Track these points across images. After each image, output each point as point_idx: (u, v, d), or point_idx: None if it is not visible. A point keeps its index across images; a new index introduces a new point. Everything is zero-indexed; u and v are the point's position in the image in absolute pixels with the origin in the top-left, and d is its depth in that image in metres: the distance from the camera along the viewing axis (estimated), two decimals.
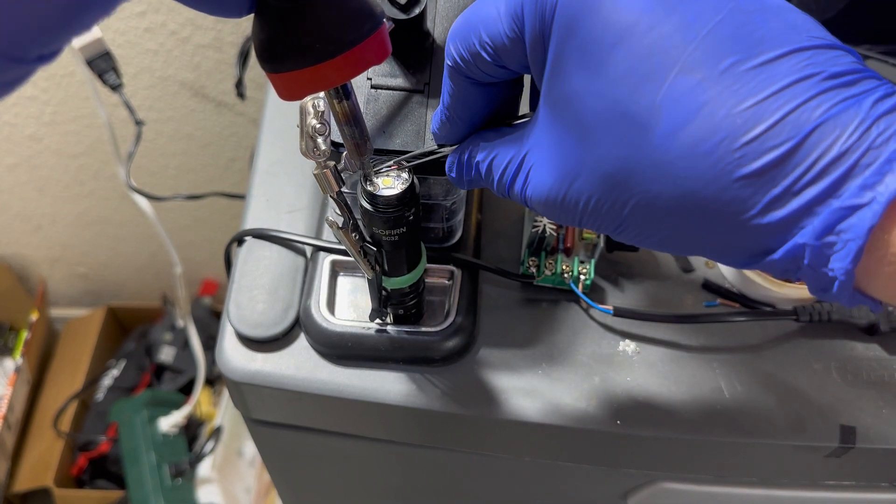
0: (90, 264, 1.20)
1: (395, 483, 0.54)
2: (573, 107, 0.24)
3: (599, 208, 0.25)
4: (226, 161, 0.97)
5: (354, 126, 0.29)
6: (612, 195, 0.24)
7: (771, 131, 0.21)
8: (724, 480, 0.45)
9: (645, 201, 0.24)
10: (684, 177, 0.22)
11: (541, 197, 0.27)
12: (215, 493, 1.04)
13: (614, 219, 0.25)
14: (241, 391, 0.43)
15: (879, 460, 0.41)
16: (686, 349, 0.42)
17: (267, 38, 0.25)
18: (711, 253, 0.25)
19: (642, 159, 0.23)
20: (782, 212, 0.21)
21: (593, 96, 0.23)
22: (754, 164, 0.21)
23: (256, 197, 0.47)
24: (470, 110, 0.30)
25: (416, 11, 0.34)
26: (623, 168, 0.23)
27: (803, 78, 0.21)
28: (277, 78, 0.26)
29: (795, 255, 0.22)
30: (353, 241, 0.34)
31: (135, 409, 1.08)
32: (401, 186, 0.32)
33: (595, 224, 0.26)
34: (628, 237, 0.26)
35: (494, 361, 0.41)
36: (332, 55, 0.25)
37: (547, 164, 0.26)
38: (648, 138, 0.23)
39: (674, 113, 0.22)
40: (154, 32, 0.79)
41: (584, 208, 0.25)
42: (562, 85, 0.24)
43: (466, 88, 0.29)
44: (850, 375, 0.41)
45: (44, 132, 0.92)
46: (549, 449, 0.43)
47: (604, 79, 0.23)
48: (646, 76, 0.22)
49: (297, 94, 0.27)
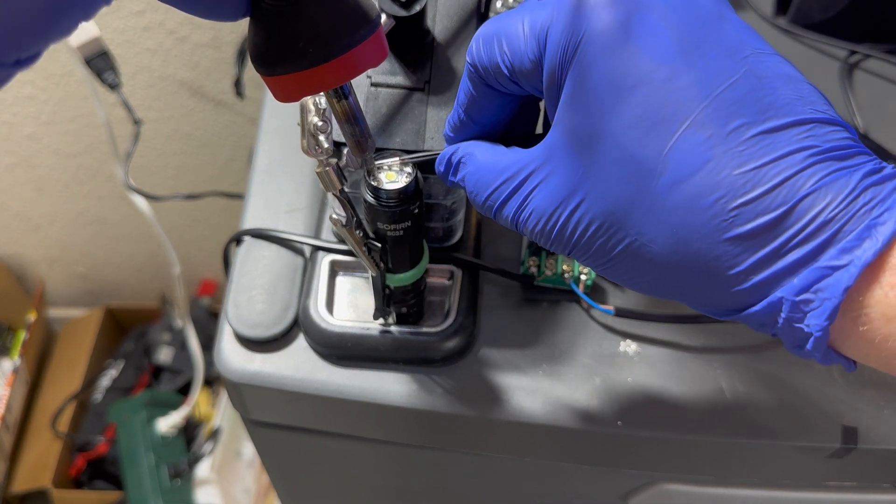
0: (88, 264, 1.20)
1: (394, 484, 0.54)
2: (585, 140, 0.25)
3: (594, 240, 0.26)
4: (224, 160, 0.97)
5: (355, 124, 0.29)
6: (609, 231, 0.25)
7: (766, 196, 0.22)
8: (725, 481, 0.45)
9: (638, 244, 0.25)
10: (680, 226, 0.23)
11: (540, 217, 0.27)
12: (214, 494, 1.04)
13: (605, 254, 0.26)
14: (240, 392, 0.42)
15: (881, 461, 0.40)
16: (687, 349, 0.42)
17: (261, 41, 0.25)
18: (692, 302, 0.26)
19: (642, 203, 0.24)
20: (767, 272, 0.23)
21: (606, 135, 0.24)
22: (747, 225, 0.22)
23: (255, 196, 0.47)
24: (483, 114, 0.30)
25: (417, 9, 0.34)
26: (624, 207, 0.24)
27: (802, 148, 0.22)
28: (272, 81, 0.26)
29: (773, 311, 0.23)
30: (356, 239, 0.33)
31: (133, 409, 1.07)
32: (405, 180, 0.31)
33: (584, 255, 0.27)
34: (613, 275, 0.27)
35: (495, 362, 0.41)
36: (328, 59, 0.25)
37: (551, 190, 0.26)
38: (652, 184, 0.24)
39: (679, 164, 0.23)
40: (152, 31, 0.78)
41: (579, 237, 0.26)
42: (576, 117, 0.25)
43: (483, 92, 0.29)
44: (851, 376, 0.41)
45: (42, 132, 0.92)
46: (550, 449, 0.43)
47: (617, 120, 0.24)
48: (658, 124, 0.23)
49: (293, 97, 0.27)
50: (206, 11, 0.23)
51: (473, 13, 0.37)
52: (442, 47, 0.36)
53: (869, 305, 0.22)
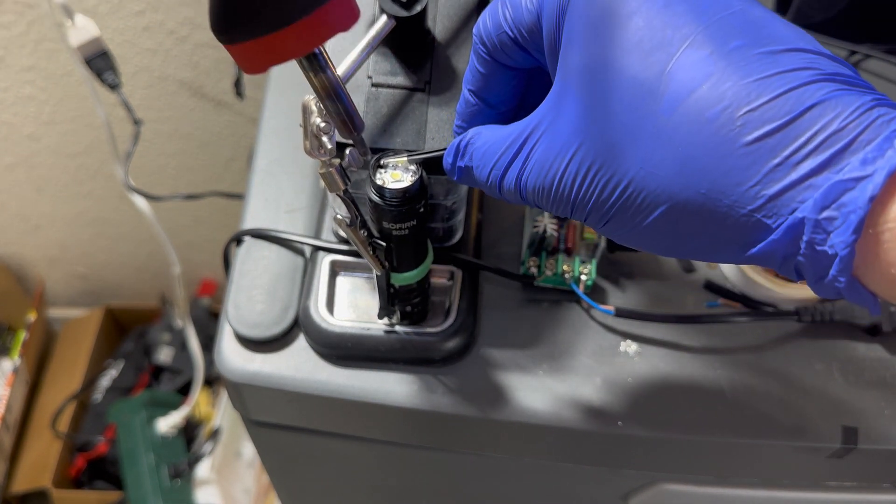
0: (88, 264, 1.20)
1: (394, 484, 0.54)
2: (585, 76, 0.25)
3: (594, 185, 0.25)
4: (224, 160, 0.97)
5: (337, 100, 0.28)
6: (614, 165, 0.24)
7: (773, 102, 0.22)
8: (725, 481, 0.45)
9: (644, 174, 0.24)
10: (686, 144, 0.23)
11: (539, 175, 0.27)
12: (214, 494, 1.04)
13: (607, 200, 0.25)
14: (240, 392, 0.42)
15: (881, 461, 0.40)
16: (688, 350, 0.42)
17: (218, 5, 0.24)
18: (704, 244, 0.24)
19: (647, 126, 0.23)
20: (780, 184, 0.22)
21: (606, 64, 0.24)
22: (754, 132, 0.22)
23: (255, 196, 0.47)
24: (492, 93, 0.30)
25: (418, 9, 0.34)
26: (627, 136, 0.24)
27: (807, 67, 0.22)
28: (234, 50, 0.25)
29: (794, 235, 0.22)
30: (361, 239, 0.33)
31: (133, 409, 1.07)
32: (410, 179, 0.31)
33: (585, 208, 0.26)
34: (617, 227, 0.26)
35: (495, 362, 0.41)
36: (287, 22, 0.24)
37: (553, 138, 0.26)
38: (655, 105, 0.23)
39: (681, 81, 0.23)
40: (152, 31, 0.78)
41: (579, 185, 0.25)
42: (576, 54, 0.25)
43: (491, 70, 0.29)
44: (852, 376, 0.41)
45: (42, 132, 0.92)
46: (550, 449, 0.43)
47: (617, 46, 0.24)
48: (657, 46, 0.23)
49: (259, 66, 0.25)
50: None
51: (473, 13, 0.37)
52: (442, 47, 0.36)
53: (892, 218, 0.21)
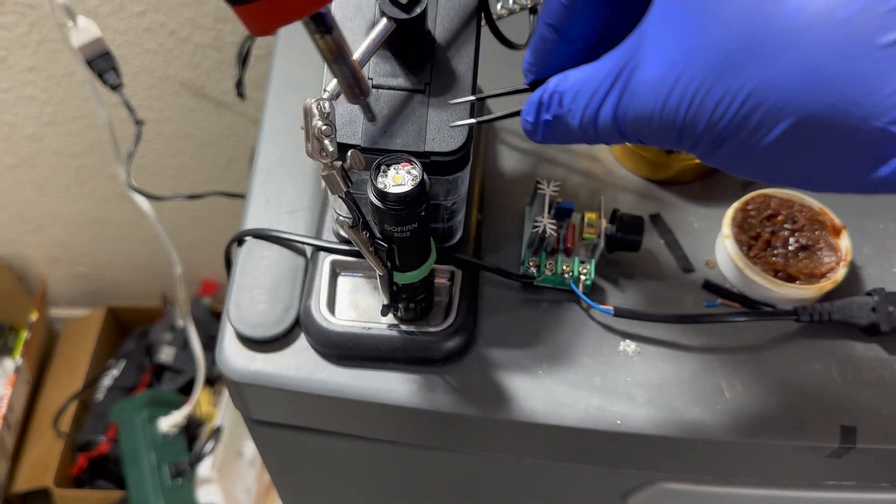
0: (90, 264, 1.20)
1: (394, 483, 0.54)
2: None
3: (709, 101, 0.22)
4: (226, 161, 0.97)
5: (343, 64, 0.28)
6: (728, 79, 0.22)
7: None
8: (724, 480, 0.45)
9: (765, 83, 0.21)
10: (815, 49, 0.20)
11: (640, 101, 0.24)
12: (215, 494, 1.04)
13: (721, 116, 0.22)
14: (241, 391, 0.43)
15: (880, 460, 0.41)
16: (686, 349, 0.42)
17: None
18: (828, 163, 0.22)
19: (768, 31, 0.21)
20: None
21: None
22: (892, 33, 0.19)
23: (256, 197, 0.47)
24: (576, 27, 0.28)
25: (418, 11, 0.34)
26: (745, 45, 0.21)
27: None
28: (243, 10, 0.25)
29: None
30: (363, 240, 0.34)
31: (135, 409, 1.08)
32: (411, 183, 0.32)
33: (696, 129, 0.23)
34: (731, 149, 0.23)
35: (495, 362, 0.41)
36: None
37: (656, 58, 0.24)
38: (777, 8, 0.21)
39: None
40: (154, 32, 0.79)
41: (689, 104, 0.23)
42: None
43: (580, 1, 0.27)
44: (850, 375, 0.41)
45: (43, 132, 0.92)
46: (550, 449, 0.43)
47: None
48: None
49: (268, 28, 0.25)
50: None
51: (473, 15, 0.37)
52: (442, 49, 0.37)
53: None
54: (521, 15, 0.46)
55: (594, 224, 0.43)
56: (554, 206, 0.42)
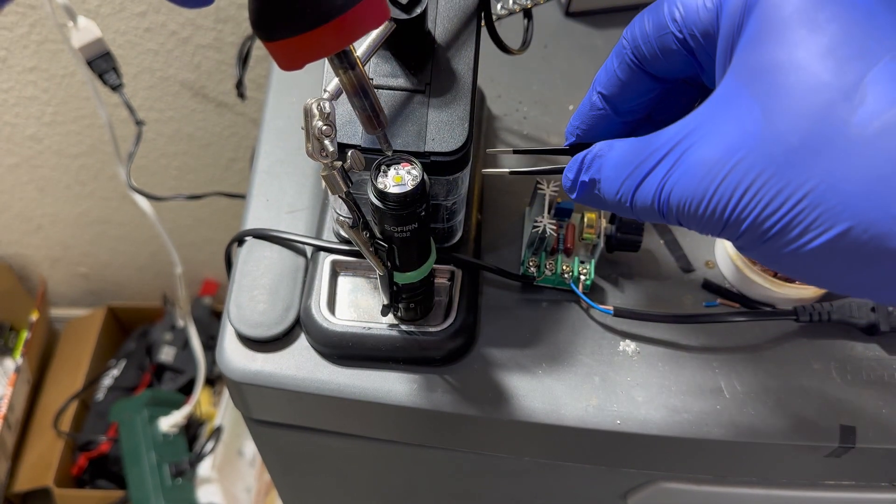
0: (91, 264, 1.20)
1: (395, 483, 0.54)
2: (767, 77, 0.22)
3: (763, 194, 0.22)
4: (226, 161, 0.97)
5: (364, 98, 0.29)
6: (789, 174, 0.21)
7: None
8: (723, 480, 0.45)
9: (826, 185, 0.21)
10: (884, 160, 0.20)
11: (689, 184, 0.23)
12: (215, 493, 1.04)
13: (773, 212, 0.22)
14: (242, 391, 0.43)
15: (879, 460, 0.41)
16: (686, 349, 0.42)
17: (260, 5, 0.25)
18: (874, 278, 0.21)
19: (836, 135, 0.21)
20: None
21: (794, 65, 0.22)
22: None
23: (257, 197, 0.47)
24: (626, 102, 0.28)
25: (418, 11, 0.34)
26: (812, 143, 0.21)
27: None
28: (275, 47, 0.26)
29: None
30: (364, 240, 0.34)
31: (135, 408, 1.08)
32: (412, 183, 0.32)
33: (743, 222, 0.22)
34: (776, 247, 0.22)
35: (495, 361, 0.41)
36: (327, 19, 0.25)
37: (712, 142, 0.23)
38: (847, 114, 0.21)
39: (881, 92, 0.21)
40: (154, 33, 0.79)
41: (742, 195, 0.22)
42: (758, 55, 0.23)
43: (631, 73, 0.27)
44: (849, 375, 0.41)
45: (44, 132, 0.92)
46: (550, 449, 0.43)
47: (810, 49, 0.22)
48: (856, 55, 0.21)
49: (297, 63, 0.26)
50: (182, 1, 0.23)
51: (473, 15, 0.37)
52: (443, 49, 0.37)
53: None
54: (517, 18, 0.47)
55: (594, 224, 0.43)
56: (554, 206, 0.42)
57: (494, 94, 0.52)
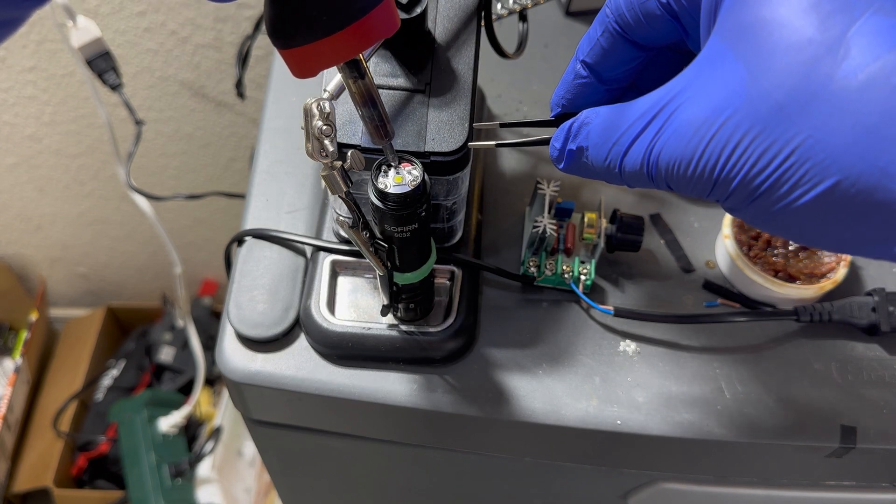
0: (90, 264, 1.20)
1: (394, 483, 0.54)
2: (751, 36, 0.22)
3: (752, 152, 0.22)
4: (226, 161, 0.97)
5: (372, 108, 0.29)
6: (777, 130, 0.21)
7: None
8: (724, 480, 0.45)
9: (813, 140, 0.21)
10: (868, 110, 0.20)
11: (678, 145, 0.24)
12: (215, 494, 1.04)
13: (762, 169, 0.22)
14: (241, 391, 0.43)
15: (880, 460, 0.41)
16: (686, 349, 0.42)
17: (276, 13, 0.26)
18: (861, 232, 0.21)
19: (823, 88, 0.21)
20: None
21: (778, 22, 0.22)
22: None
23: (256, 197, 0.47)
24: (611, 70, 0.28)
25: (418, 11, 0.34)
26: (798, 99, 0.21)
27: None
28: (289, 54, 0.27)
29: None
30: (364, 240, 0.34)
31: (134, 409, 1.08)
32: (412, 183, 0.32)
33: (733, 181, 0.22)
34: (766, 204, 0.22)
35: (495, 362, 0.41)
36: (341, 26, 0.25)
37: (699, 102, 0.23)
38: (832, 69, 0.21)
39: (864, 45, 0.21)
40: (154, 32, 0.79)
41: (731, 153, 0.22)
42: (742, 14, 0.23)
43: (616, 43, 0.27)
44: (850, 375, 0.41)
45: (44, 132, 0.92)
46: (550, 449, 0.43)
47: (794, 6, 0.22)
48: (839, 8, 0.21)
49: (310, 71, 0.27)
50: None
51: (473, 15, 0.37)
52: (443, 49, 0.37)
53: None
54: (514, 21, 0.46)
55: (594, 224, 0.43)
56: (554, 206, 0.42)
57: (494, 94, 0.52)
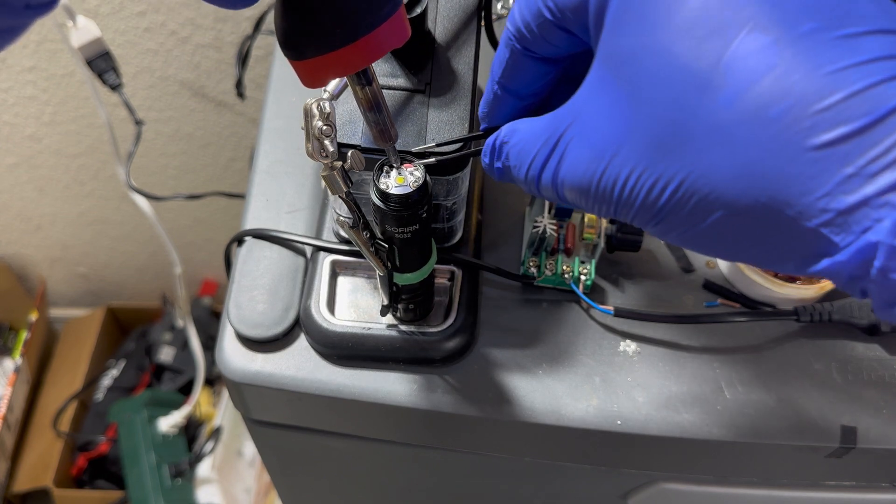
0: (90, 264, 1.20)
1: (394, 483, 0.54)
2: (629, 64, 0.22)
3: (641, 186, 0.22)
4: (226, 161, 0.97)
5: (378, 112, 0.30)
6: (661, 166, 0.21)
7: (849, 101, 0.18)
8: (724, 481, 0.45)
9: (696, 174, 0.21)
10: (746, 145, 0.20)
11: (575, 175, 0.24)
12: (215, 494, 1.04)
13: (657, 199, 0.22)
14: (241, 392, 0.43)
15: (880, 460, 0.41)
16: (686, 349, 0.42)
17: (289, 26, 0.26)
18: (764, 253, 0.21)
19: (700, 123, 0.20)
20: (853, 196, 0.18)
21: (654, 50, 0.21)
22: (826, 134, 0.19)
23: (256, 197, 0.47)
24: (521, 84, 0.28)
25: (418, 11, 0.34)
26: (677, 132, 0.21)
27: (891, 56, 0.19)
28: (301, 66, 0.27)
29: (865, 258, 0.19)
30: (364, 240, 0.34)
31: (134, 409, 1.08)
32: (414, 184, 0.32)
33: (631, 208, 0.23)
34: (668, 228, 0.23)
35: (495, 362, 0.41)
36: (354, 38, 0.26)
37: (589, 135, 0.23)
38: (709, 99, 0.20)
39: (740, 72, 0.20)
40: (154, 32, 0.79)
41: (622, 186, 0.22)
42: (621, 39, 0.22)
43: (521, 61, 0.27)
44: (850, 376, 0.41)
45: (44, 132, 0.92)
46: (550, 449, 0.43)
47: (668, 30, 0.21)
48: (714, 30, 0.20)
49: (322, 81, 0.27)
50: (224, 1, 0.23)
51: (473, 15, 0.37)
52: (443, 49, 0.37)
53: None
54: None
55: (594, 224, 0.43)
56: (554, 206, 0.42)
57: None
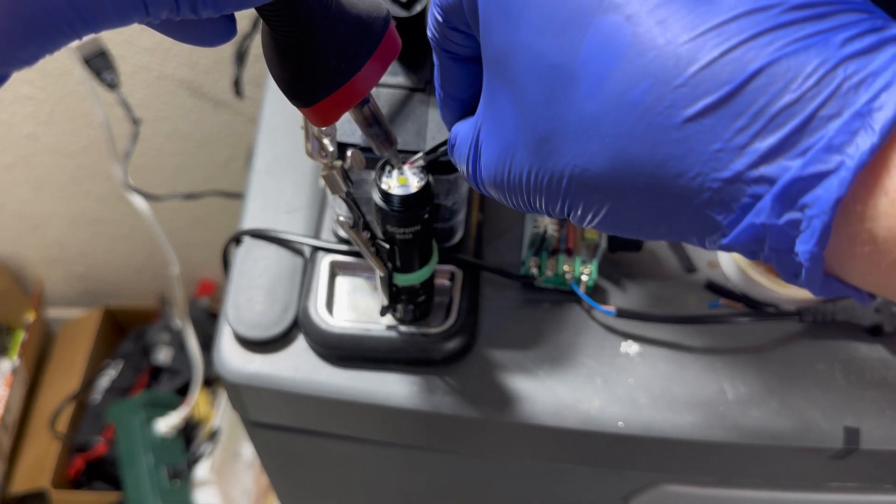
0: (87, 264, 1.20)
1: (393, 485, 0.54)
2: (506, 65, 0.21)
3: (540, 184, 0.22)
4: (224, 160, 0.97)
5: (377, 125, 0.29)
6: (549, 164, 0.21)
7: (706, 70, 0.17)
8: (726, 482, 0.45)
9: (579, 169, 0.20)
10: (613, 134, 0.19)
11: (489, 178, 0.24)
12: (213, 495, 1.04)
13: (556, 195, 0.22)
14: (239, 393, 0.42)
15: (883, 462, 0.40)
16: (689, 350, 0.42)
17: (292, 76, 0.24)
18: (671, 232, 0.21)
19: (571, 118, 0.20)
20: (725, 172, 0.18)
21: (522, 48, 0.21)
22: (687, 110, 0.18)
23: (255, 196, 0.47)
24: (454, 86, 0.28)
25: (418, 9, 0.34)
26: (557, 129, 0.20)
27: (757, 10, 0.17)
28: (312, 111, 0.25)
29: (756, 235, 0.18)
30: (364, 240, 0.33)
31: (132, 410, 1.07)
32: (416, 185, 0.31)
33: (542, 204, 0.23)
34: (581, 218, 0.22)
35: (495, 363, 0.41)
36: (359, 67, 0.25)
37: (493, 137, 0.23)
38: (575, 92, 0.19)
39: (595, 60, 0.19)
40: (151, 31, 0.78)
41: (527, 186, 0.22)
42: (495, 39, 0.22)
43: (445, 63, 0.27)
44: (853, 376, 0.41)
45: (40, 131, 0.92)
46: (551, 451, 0.43)
47: (527, 27, 0.20)
48: (569, 19, 0.19)
49: (335, 117, 0.26)
50: (196, 40, 0.22)
51: None
52: None
53: (870, 219, 0.16)
54: None
55: None
56: None
57: None
